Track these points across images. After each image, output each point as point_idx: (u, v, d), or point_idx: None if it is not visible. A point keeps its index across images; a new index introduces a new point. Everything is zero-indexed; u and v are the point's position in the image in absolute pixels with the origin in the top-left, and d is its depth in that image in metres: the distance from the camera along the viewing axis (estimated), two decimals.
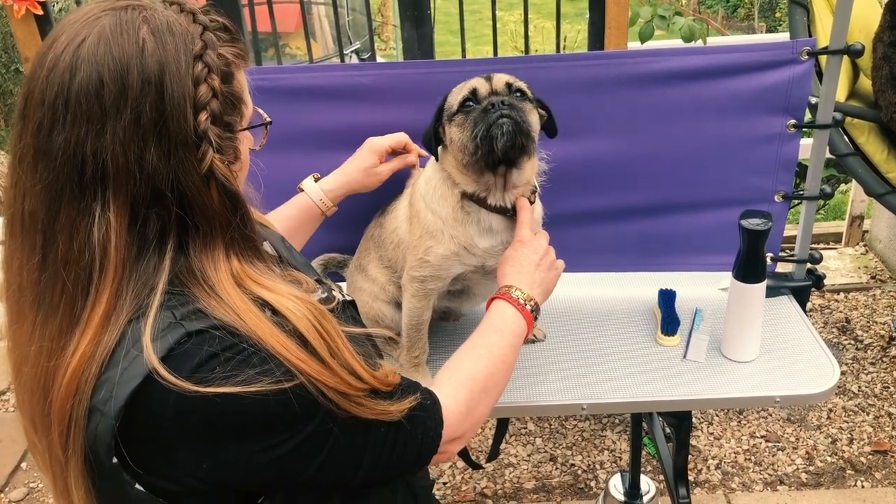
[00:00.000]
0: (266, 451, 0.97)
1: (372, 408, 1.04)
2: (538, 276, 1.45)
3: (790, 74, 1.77)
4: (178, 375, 0.91)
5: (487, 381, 1.27)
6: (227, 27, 1.06)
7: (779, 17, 8.88)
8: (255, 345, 0.95)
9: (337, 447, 1.02)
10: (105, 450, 0.93)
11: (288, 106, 1.82)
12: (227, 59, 1.03)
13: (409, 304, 1.66)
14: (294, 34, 6.21)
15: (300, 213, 1.69)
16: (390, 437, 1.08)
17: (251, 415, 0.95)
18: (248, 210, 1.04)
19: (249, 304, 0.99)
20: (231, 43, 1.05)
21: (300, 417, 0.98)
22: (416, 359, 1.69)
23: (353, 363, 1.04)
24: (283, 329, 0.98)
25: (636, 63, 1.80)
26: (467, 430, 1.23)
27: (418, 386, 1.16)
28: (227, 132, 1.02)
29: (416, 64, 1.89)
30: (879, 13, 2.65)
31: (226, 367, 0.93)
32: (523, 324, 1.38)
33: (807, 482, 2.81)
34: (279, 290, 1.03)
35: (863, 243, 4.09)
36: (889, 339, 3.45)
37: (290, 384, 0.95)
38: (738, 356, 1.74)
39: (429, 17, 3.12)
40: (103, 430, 0.92)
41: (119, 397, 0.91)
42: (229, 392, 0.92)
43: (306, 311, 1.02)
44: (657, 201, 1.92)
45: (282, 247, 1.33)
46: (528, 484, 2.87)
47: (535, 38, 6.86)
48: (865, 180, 2.77)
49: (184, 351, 0.93)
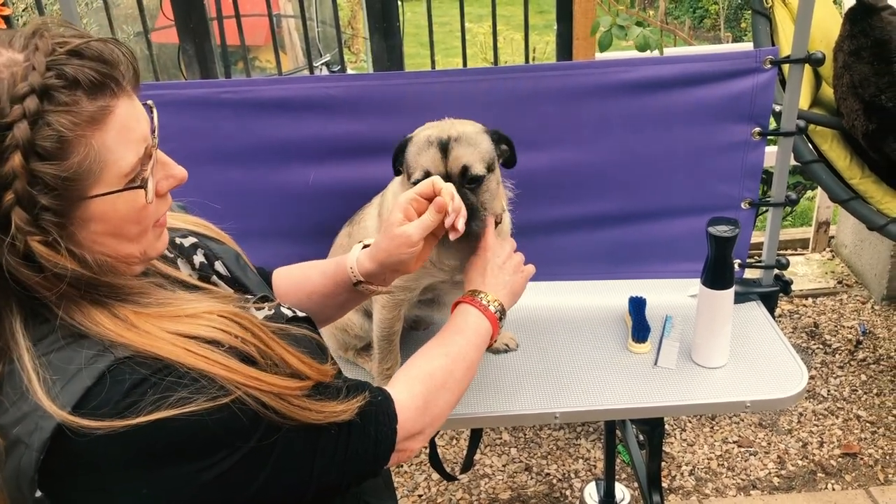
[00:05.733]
0: (208, 468, 0.94)
1: (318, 410, 1.02)
2: (503, 278, 1.44)
3: (754, 83, 1.80)
4: (102, 411, 0.88)
5: (447, 377, 1.25)
6: (92, 79, 0.90)
7: (744, 27, 9.01)
8: (181, 368, 0.93)
9: (284, 457, 1.00)
10: (28, 483, 0.89)
11: (257, 118, 1.81)
12: (60, 133, 0.88)
13: (379, 315, 1.65)
14: (264, 47, 6.18)
15: (336, 273, 1.43)
16: (342, 437, 1.06)
17: (190, 435, 0.92)
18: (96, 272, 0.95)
19: (157, 333, 0.95)
20: (89, 99, 0.90)
21: (241, 431, 0.96)
22: (389, 370, 1.69)
23: (287, 356, 1.02)
24: (213, 344, 0.96)
25: (603, 73, 1.82)
26: (426, 426, 1.21)
27: (366, 384, 1.14)
28: (47, 213, 0.89)
29: (386, 75, 1.90)
30: (840, 23, 2.70)
31: (156, 391, 0.90)
32: (487, 324, 1.36)
33: (779, 486, 2.83)
34: (186, 311, 0.99)
35: (829, 249, 4.15)
36: (856, 343, 3.50)
37: (227, 399, 0.93)
38: (709, 362, 1.75)
39: (398, 29, 3.13)
40: (26, 464, 0.88)
41: (44, 430, 0.87)
42: (164, 417, 0.89)
43: (218, 319, 0.99)
44: (626, 210, 1.94)
45: (235, 265, 1.29)
46: (504, 494, 2.87)
47: (505, 49, 6.90)
48: (829, 187, 2.82)
49: (104, 385, 0.89)
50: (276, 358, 1.01)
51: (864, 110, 2.60)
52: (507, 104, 1.81)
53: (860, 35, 2.58)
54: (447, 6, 7.96)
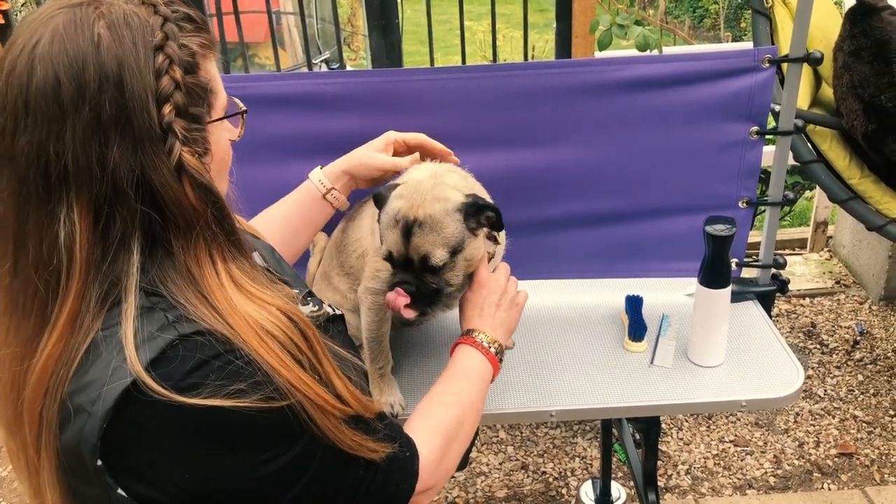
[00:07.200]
0: (251, 468, 0.96)
1: (351, 437, 1.02)
2: (499, 316, 1.44)
3: (752, 82, 1.80)
4: (166, 384, 0.90)
5: (458, 428, 1.27)
6: (192, 17, 1.03)
7: (744, 26, 9.01)
8: (247, 355, 0.94)
9: (317, 476, 1.01)
10: (90, 451, 0.91)
11: (255, 115, 1.80)
12: (192, 50, 1.00)
13: (365, 318, 1.64)
14: (263, 44, 6.17)
15: (302, 196, 1.64)
16: (367, 478, 1.07)
17: (237, 430, 0.94)
18: (224, 204, 1.02)
19: (238, 309, 0.97)
20: (195, 33, 1.02)
21: (287, 437, 0.97)
22: (381, 370, 1.68)
23: (334, 378, 1.03)
24: (274, 340, 0.97)
25: (602, 71, 1.82)
26: (438, 481, 1.22)
27: (401, 432, 1.15)
28: (195, 124, 0.99)
29: (383, 72, 1.89)
30: (839, 23, 2.70)
31: (218, 377, 0.92)
32: (489, 368, 1.38)
33: (775, 486, 2.83)
34: (263, 297, 1.01)
35: (827, 249, 4.15)
36: (853, 343, 3.50)
37: (281, 403, 0.94)
38: (705, 361, 1.75)
39: (397, 27, 3.12)
40: (89, 431, 0.91)
41: (107, 399, 0.90)
42: (218, 405, 0.91)
43: (288, 322, 1.00)
44: (624, 209, 1.94)
45: (271, 258, 1.32)
46: (500, 492, 2.87)
47: (504, 47, 6.90)
48: (828, 186, 2.82)
49: (176, 355, 0.92)
50: (325, 376, 1.02)
51: (863, 110, 2.60)
52: (505, 102, 1.81)
53: (860, 35, 2.58)
54: (447, 4, 7.94)
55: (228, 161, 1.13)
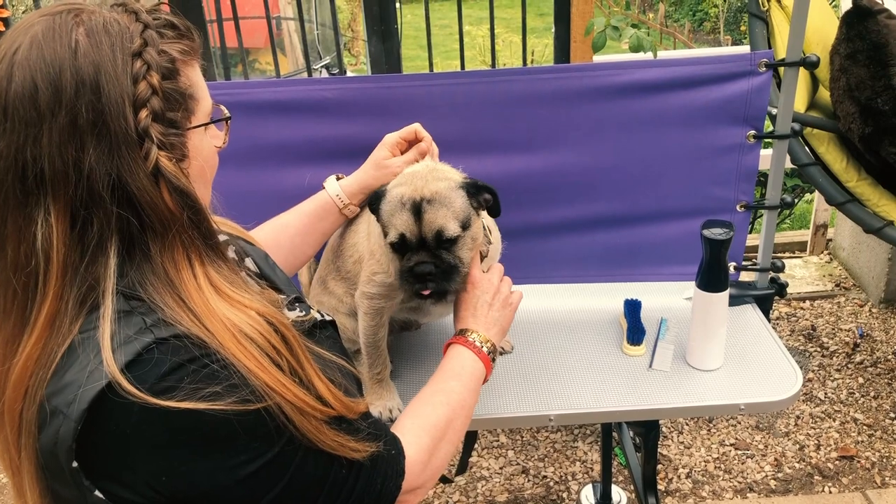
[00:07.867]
0: (228, 469, 0.96)
1: (332, 438, 1.03)
2: (492, 316, 1.45)
3: (749, 86, 1.80)
4: (142, 387, 0.90)
5: (447, 428, 1.27)
6: (174, 24, 1.05)
7: (743, 30, 9.03)
8: (223, 359, 0.95)
9: (297, 476, 1.01)
10: (66, 453, 0.92)
11: (252, 121, 1.81)
12: (171, 56, 1.02)
13: (363, 323, 1.64)
14: (263, 49, 6.19)
15: (316, 207, 1.66)
16: (351, 478, 1.07)
17: (213, 432, 0.94)
18: (202, 208, 1.03)
19: (215, 312, 0.98)
20: (177, 39, 1.04)
21: (264, 439, 0.97)
22: (379, 374, 1.68)
23: (316, 380, 1.03)
24: (252, 343, 0.98)
25: (600, 76, 1.82)
26: (427, 481, 1.22)
27: (385, 433, 1.15)
28: (173, 129, 1.00)
29: (382, 78, 1.90)
30: (836, 26, 2.71)
31: (193, 380, 0.92)
32: (481, 367, 1.38)
33: (776, 489, 2.83)
34: (242, 301, 1.02)
35: (827, 252, 4.16)
36: (854, 346, 3.50)
37: (257, 405, 0.95)
38: (703, 365, 1.75)
39: (396, 32, 3.13)
40: (65, 433, 0.92)
41: (83, 401, 0.91)
42: (193, 408, 0.91)
43: (266, 325, 1.00)
44: (621, 212, 1.94)
45: (265, 264, 1.32)
46: (501, 497, 2.87)
47: (503, 52, 6.91)
48: (826, 189, 2.82)
49: (151, 358, 0.92)
50: (306, 379, 1.02)
51: (860, 113, 2.61)
52: (503, 106, 1.82)
53: (856, 38, 2.59)
54: (446, 9, 7.97)
55: (213, 167, 1.13)
